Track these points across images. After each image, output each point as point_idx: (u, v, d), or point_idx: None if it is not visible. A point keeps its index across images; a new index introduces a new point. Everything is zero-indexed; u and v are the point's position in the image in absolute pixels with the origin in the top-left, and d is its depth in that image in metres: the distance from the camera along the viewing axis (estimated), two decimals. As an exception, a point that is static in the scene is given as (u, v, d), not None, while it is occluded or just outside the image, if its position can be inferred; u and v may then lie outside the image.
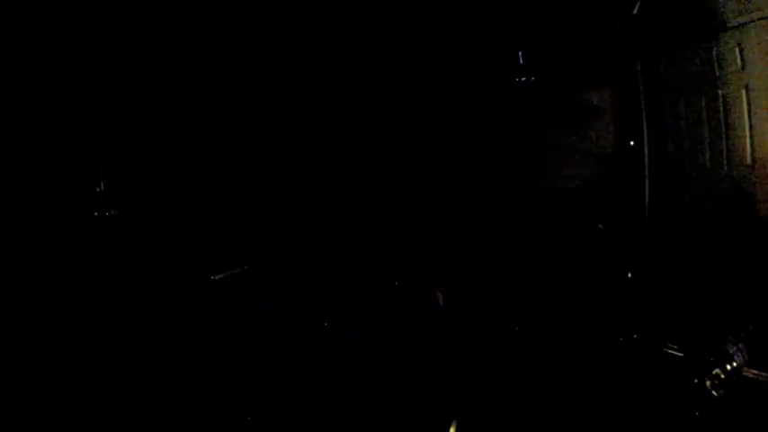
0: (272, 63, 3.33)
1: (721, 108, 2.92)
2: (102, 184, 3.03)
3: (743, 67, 2.83)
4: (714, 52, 2.93)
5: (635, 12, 3.06)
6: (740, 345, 2.42)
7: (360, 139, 3.39)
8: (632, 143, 3.16)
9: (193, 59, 3.18)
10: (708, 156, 2.99)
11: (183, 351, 2.86)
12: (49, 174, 2.91)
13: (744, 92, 2.83)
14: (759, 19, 2.73)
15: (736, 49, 2.84)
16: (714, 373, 2.38)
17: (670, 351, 2.71)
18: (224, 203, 3.25)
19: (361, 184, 3.37)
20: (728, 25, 2.85)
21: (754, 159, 2.80)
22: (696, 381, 2.42)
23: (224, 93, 3.27)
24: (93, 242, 2.99)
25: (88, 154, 3.03)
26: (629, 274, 3.04)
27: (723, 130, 2.92)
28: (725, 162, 2.92)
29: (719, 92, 2.92)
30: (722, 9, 2.86)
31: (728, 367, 2.38)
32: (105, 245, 2.99)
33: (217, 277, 3.09)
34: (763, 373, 2.39)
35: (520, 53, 3.29)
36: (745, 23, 2.79)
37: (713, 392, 2.36)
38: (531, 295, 3.14)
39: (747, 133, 2.83)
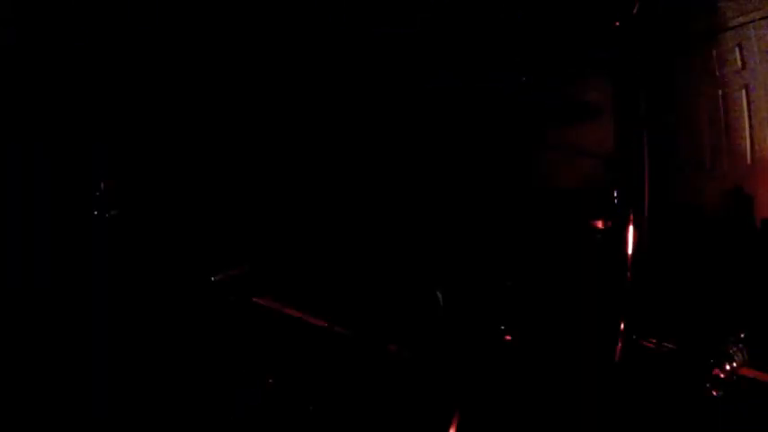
0: (273, 63, 3.33)
1: (721, 108, 2.91)
2: (102, 185, 3.03)
3: (743, 67, 2.82)
4: (714, 52, 2.92)
5: (635, 12, 3.06)
6: (740, 345, 2.42)
7: (359, 139, 3.39)
8: (632, 143, 3.16)
9: (193, 59, 3.19)
10: (708, 156, 2.99)
11: (184, 351, 2.86)
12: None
13: (744, 92, 2.83)
14: (759, 19, 2.73)
15: (736, 49, 2.83)
16: (714, 373, 2.38)
17: (669, 350, 2.71)
18: (223, 203, 3.25)
19: (361, 184, 3.37)
20: (728, 25, 2.84)
21: (754, 159, 2.80)
22: (696, 381, 2.42)
23: (224, 93, 3.27)
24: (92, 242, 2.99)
25: (88, 153, 3.03)
26: (629, 275, 3.04)
27: (723, 130, 2.92)
28: (725, 162, 2.92)
29: (719, 92, 2.91)
30: (722, 9, 2.86)
31: (728, 367, 2.38)
32: (106, 244, 2.99)
33: (216, 278, 3.09)
34: (763, 373, 2.39)
35: (519, 53, 3.29)
36: (745, 23, 2.78)
37: (713, 392, 2.36)
38: (531, 295, 3.14)
39: (747, 133, 2.82)
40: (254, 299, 3.11)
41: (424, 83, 3.37)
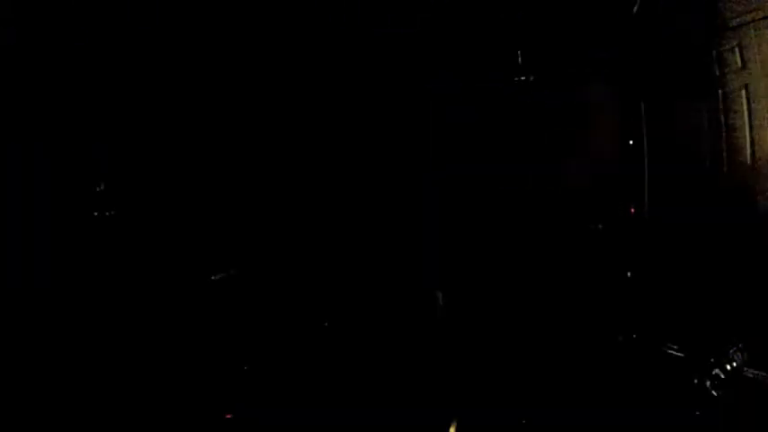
0: (271, 64, 3.33)
1: (721, 108, 2.91)
2: (101, 184, 3.03)
3: (743, 67, 2.82)
4: (714, 52, 2.92)
5: (635, 11, 3.05)
6: (740, 345, 2.42)
7: (359, 139, 3.39)
8: (632, 143, 3.16)
9: (193, 60, 3.18)
10: (708, 156, 2.99)
11: (183, 350, 2.86)
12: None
13: (744, 92, 2.83)
14: (759, 19, 2.73)
15: (736, 49, 2.83)
16: (714, 373, 2.38)
17: (670, 351, 2.71)
18: (223, 204, 3.25)
19: (361, 184, 3.37)
20: (728, 25, 2.84)
21: (754, 159, 2.80)
22: (696, 381, 2.42)
23: (224, 93, 3.27)
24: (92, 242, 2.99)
25: (88, 154, 3.03)
26: (629, 274, 3.04)
27: (723, 130, 2.91)
28: (725, 162, 2.92)
29: (719, 92, 2.91)
30: (722, 9, 2.86)
31: (728, 367, 2.38)
32: (104, 245, 2.99)
33: (216, 277, 3.09)
34: (763, 373, 2.39)
35: (519, 53, 3.29)
36: (746, 23, 2.78)
37: (713, 392, 2.36)
38: (532, 295, 3.14)
39: (747, 133, 2.82)
40: (249, 297, 3.11)
41: (425, 83, 3.37)
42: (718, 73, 2.91)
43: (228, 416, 2.64)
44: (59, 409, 2.56)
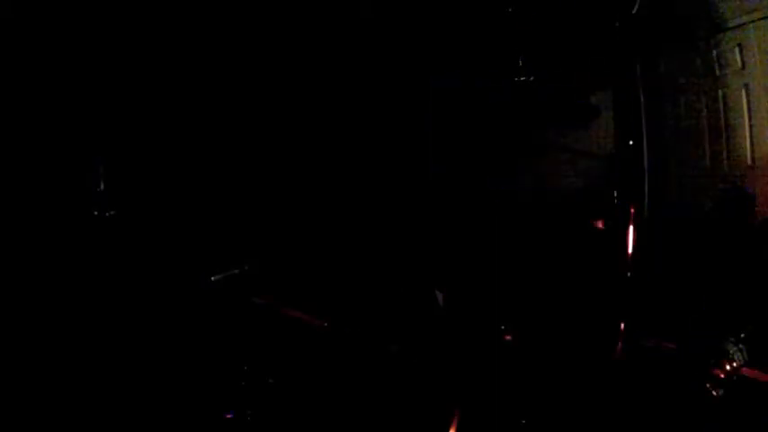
0: (270, 63, 3.33)
1: (721, 108, 2.92)
2: (102, 185, 3.03)
3: (743, 67, 2.83)
4: (714, 52, 2.93)
5: (635, 12, 3.06)
6: (740, 345, 2.42)
7: (359, 138, 3.39)
8: (632, 143, 3.16)
9: (193, 60, 3.18)
10: (708, 156, 2.99)
11: (182, 350, 2.86)
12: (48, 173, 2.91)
13: (744, 92, 2.83)
14: (759, 19, 2.74)
15: (736, 49, 2.84)
16: (714, 373, 2.38)
17: (670, 351, 2.71)
18: (222, 203, 3.25)
19: (361, 183, 3.37)
20: (728, 25, 2.85)
21: (754, 159, 2.81)
22: (696, 381, 2.42)
23: (223, 93, 3.27)
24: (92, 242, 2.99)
25: (88, 154, 3.03)
26: (629, 274, 3.03)
27: (723, 130, 2.92)
28: (725, 162, 2.92)
29: (719, 92, 2.92)
30: (722, 9, 2.86)
31: (728, 367, 2.38)
32: (104, 245, 2.99)
33: (215, 277, 3.09)
34: (763, 373, 2.39)
35: (519, 53, 3.29)
36: (745, 23, 2.79)
37: (713, 392, 2.36)
38: (531, 296, 3.14)
39: (747, 133, 2.83)
40: (253, 298, 3.11)
41: (427, 83, 3.37)
42: (718, 73, 2.91)
43: (228, 416, 2.64)
44: (59, 410, 2.56)
